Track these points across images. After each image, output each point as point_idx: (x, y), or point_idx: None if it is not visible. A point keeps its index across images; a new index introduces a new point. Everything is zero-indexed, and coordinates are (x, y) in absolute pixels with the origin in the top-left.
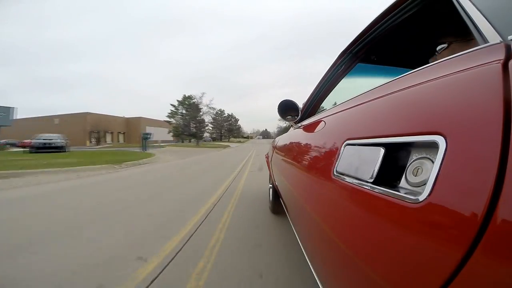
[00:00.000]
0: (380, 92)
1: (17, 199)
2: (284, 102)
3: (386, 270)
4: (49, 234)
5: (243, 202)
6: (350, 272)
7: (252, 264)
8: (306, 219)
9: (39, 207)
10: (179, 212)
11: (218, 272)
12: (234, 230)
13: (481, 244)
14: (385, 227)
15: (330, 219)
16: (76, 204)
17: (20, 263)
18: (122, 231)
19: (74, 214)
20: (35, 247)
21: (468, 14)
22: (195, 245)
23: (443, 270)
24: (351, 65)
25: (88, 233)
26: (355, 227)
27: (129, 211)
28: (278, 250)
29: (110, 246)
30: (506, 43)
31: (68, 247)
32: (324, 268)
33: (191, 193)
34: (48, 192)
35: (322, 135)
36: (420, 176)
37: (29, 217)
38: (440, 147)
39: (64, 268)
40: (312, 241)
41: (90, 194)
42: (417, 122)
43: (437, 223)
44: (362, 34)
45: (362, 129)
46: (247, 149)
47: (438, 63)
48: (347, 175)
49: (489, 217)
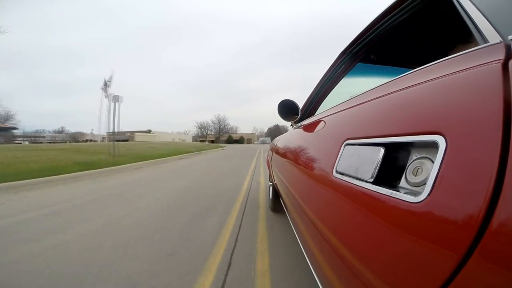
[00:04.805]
0: (380, 92)
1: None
2: (284, 102)
3: (385, 270)
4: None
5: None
6: (349, 272)
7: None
8: (306, 218)
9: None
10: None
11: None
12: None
13: (481, 244)
14: (385, 227)
15: (329, 219)
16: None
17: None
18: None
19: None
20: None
21: (468, 14)
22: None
23: (443, 270)
24: (351, 65)
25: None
26: (355, 227)
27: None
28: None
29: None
30: (506, 43)
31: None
32: (324, 268)
33: None
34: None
35: (322, 135)
36: (420, 176)
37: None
38: (440, 147)
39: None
40: (311, 240)
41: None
42: (417, 122)
43: (437, 223)
44: (362, 33)
45: (362, 129)
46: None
47: (438, 63)
48: (347, 175)
49: (489, 217)
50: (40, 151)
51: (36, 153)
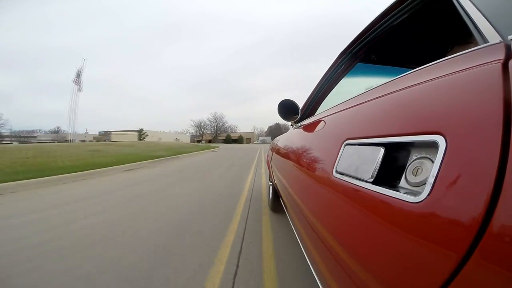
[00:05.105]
0: (380, 92)
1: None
2: (284, 102)
3: (385, 270)
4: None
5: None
6: (350, 272)
7: None
8: (306, 218)
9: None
10: None
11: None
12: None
13: (481, 244)
14: (385, 227)
15: (330, 219)
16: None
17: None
18: None
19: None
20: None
21: (468, 14)
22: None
23: (443, 270)
24: (351, 64)
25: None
26: (355, 227)
27: None
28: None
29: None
30: (506, 43)
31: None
32: (324, 268)
33: None
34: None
35: (322, 134)
36: (420, 176)
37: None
38: (440, 147)
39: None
40: (311, 240)
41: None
42: (417, 122)
43: (437, 223)
44: (362, 33)
45: (362, 128)
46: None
47: (438, 63)
48: (347, 175)
49: (489, 217)
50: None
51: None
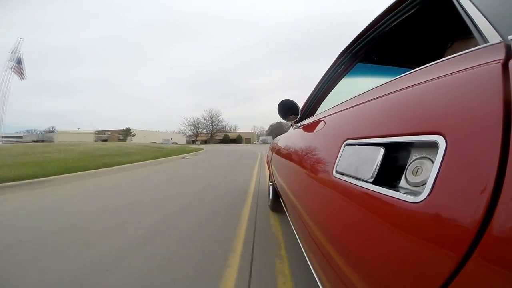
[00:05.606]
0: (380, 92)
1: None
2: (284, 102)
3: (385, 270)
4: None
5: None
6: (349, 271)
7: None
8: (306, 218)
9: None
10: None
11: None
12: None
13: (481, 244)
14: (385, 227)
15: (330, 219)
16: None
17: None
18: None
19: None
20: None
21: (468, 14)
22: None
23: (443, 270)
24: (351, 64)
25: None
26: (355, 227)
27: None
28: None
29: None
30: (506, 43)
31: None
32: (324, 268)
33: None
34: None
35: (322, 135)
36: (420, 176)
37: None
38: (440, 147)
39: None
40: (312, 240)
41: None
42: (417, 122)
43: (437, 223)
44: (362, 33)
45: (362, 129)
46: None
47: (438, 63)
48: (347, 175)
49: (489, 217)
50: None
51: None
